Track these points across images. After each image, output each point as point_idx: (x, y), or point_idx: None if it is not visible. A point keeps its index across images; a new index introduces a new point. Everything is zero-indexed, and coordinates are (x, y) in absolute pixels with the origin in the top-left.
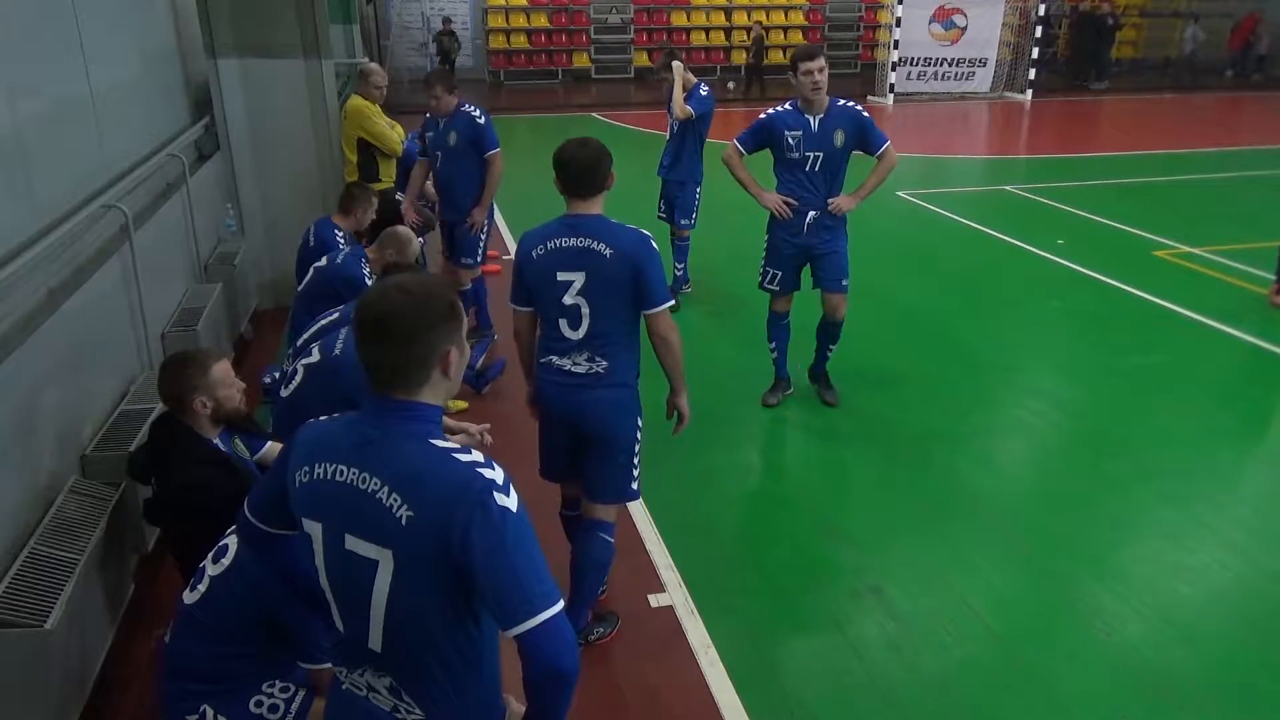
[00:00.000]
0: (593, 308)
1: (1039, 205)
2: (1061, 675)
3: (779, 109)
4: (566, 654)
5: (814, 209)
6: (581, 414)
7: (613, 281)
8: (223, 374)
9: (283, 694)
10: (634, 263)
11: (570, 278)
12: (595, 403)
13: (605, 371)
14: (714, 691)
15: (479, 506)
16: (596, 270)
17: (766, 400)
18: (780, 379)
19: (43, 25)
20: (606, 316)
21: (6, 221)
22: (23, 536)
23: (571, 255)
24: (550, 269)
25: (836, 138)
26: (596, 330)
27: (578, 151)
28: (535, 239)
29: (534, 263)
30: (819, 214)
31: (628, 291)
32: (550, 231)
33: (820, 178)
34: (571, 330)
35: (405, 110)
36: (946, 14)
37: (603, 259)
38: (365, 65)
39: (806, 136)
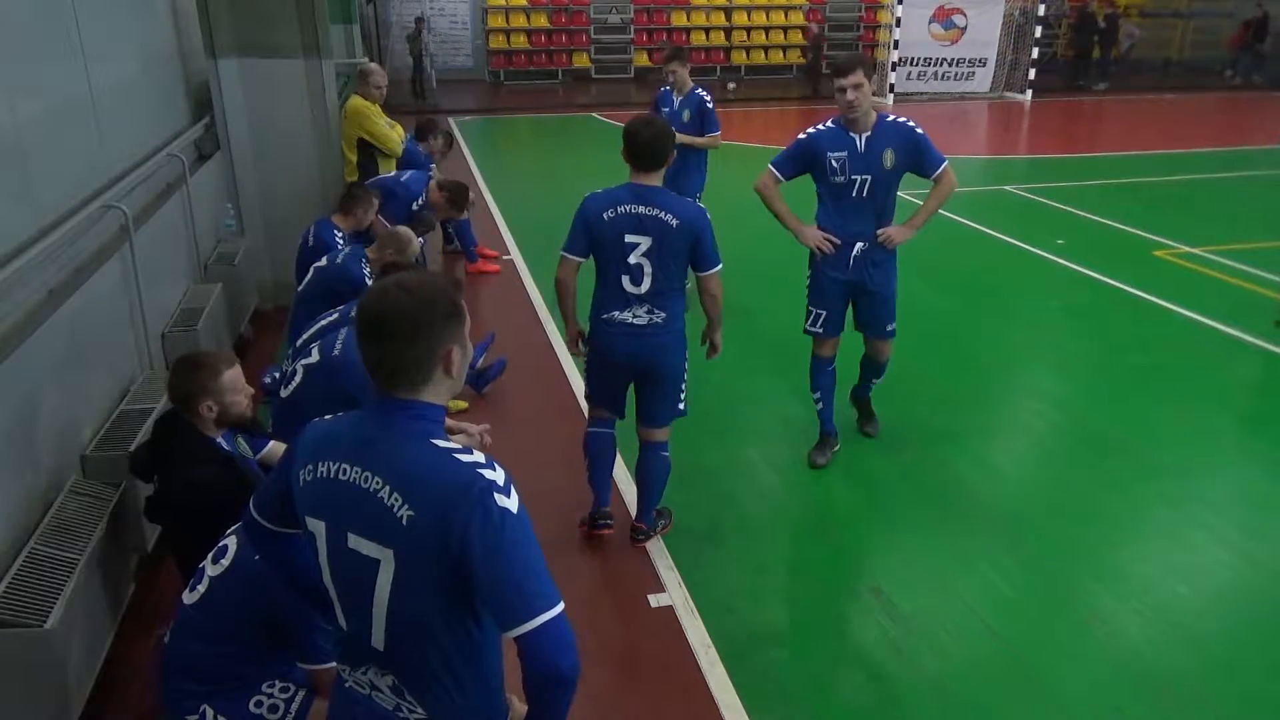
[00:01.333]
0: (655, 267)
1: (1039, 205)
2: (1061, 675)
3: (820, 127)
4: (566, 656)
5: (861, 240)
6: (646, 358)
7: (675, 247)
8: (232, 380)
9: (283, 694)
10: (695, 231)
11: (638, 240)
12: (658, 349)
13: (663, 321)
14: (714, 691)
15: (479, 507)
16: (662, 236)
17: (815, 460)
18: (827, 434)
19: (43, 25)
20: (666, 276)
21: (6, 221)
22: (23, 536)
23: (641, 221)
24: (619, 231)
25: (886, 158)
26: (657, 288)
27: (643, 128)
28: (605, 201)
29: (604, 224)
30: (867, 246)
31: (686, 256)
32: (619, 197)
33: (868, 204)
34: (634, 286)
35: (406, 110)
36: (946, 14)
37: (669, 227)
38: (365, 65)
39: (852, 158)
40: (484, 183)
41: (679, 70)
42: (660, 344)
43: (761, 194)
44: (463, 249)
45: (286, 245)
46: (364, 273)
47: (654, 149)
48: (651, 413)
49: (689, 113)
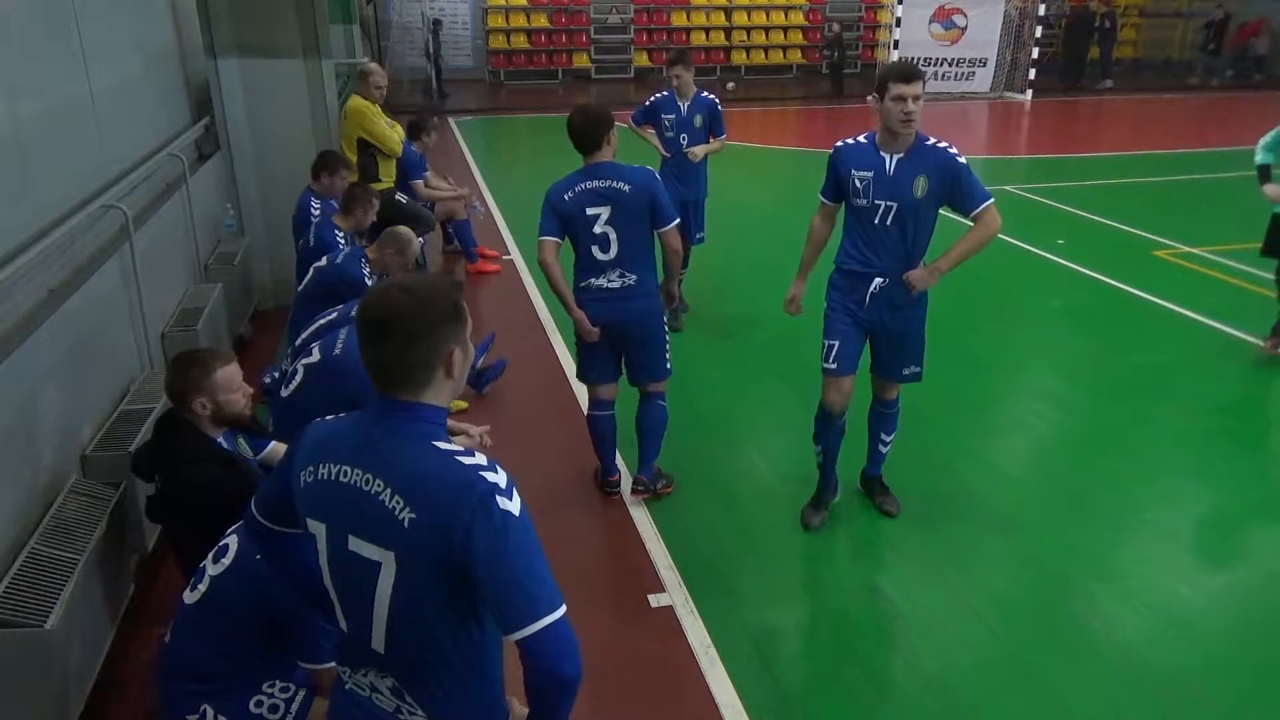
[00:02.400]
0: (619, 233)
1: (1039, 205)
2: (1061, 675)
3: (850, 141)
4: (569, 659)
5: (882, 277)
6: (624, 320)
7: (633, 210)
8: (227, 378)
9: (283, 694)
10: (649, 192)
11: (598, 211)
12: (635, 312)
13: (635, 283)
14: (714, 691)
15: (481, 510)
16: (618, 201)
17: (807, 520)
18: (825, 487)
19: (43, 25)
20: (629, 239)
21: (6, 221)
22: (23, 536)
23: (598, 194)
24: (580, 207)
25: (917, 186)
26: (623, 252)
27: (578, 117)
28: (563, 187)
29: (566, 203)
30: (886, 283)
31: (646, 217)
32: (574, 179)
33: (894, 236)
34: (602, 254)
35: (406, 110)
36: (946, 14)
37: (623, 192)
38: (365, 65)
39: (878, 180)
40: (484, 182)
41: (683, 74)
42: (638, 307)
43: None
44: (463, 249)
45: (286, 245)
46: (364, 272)
47: (593, 132)
48: (641, 371)
49: (700, 118)
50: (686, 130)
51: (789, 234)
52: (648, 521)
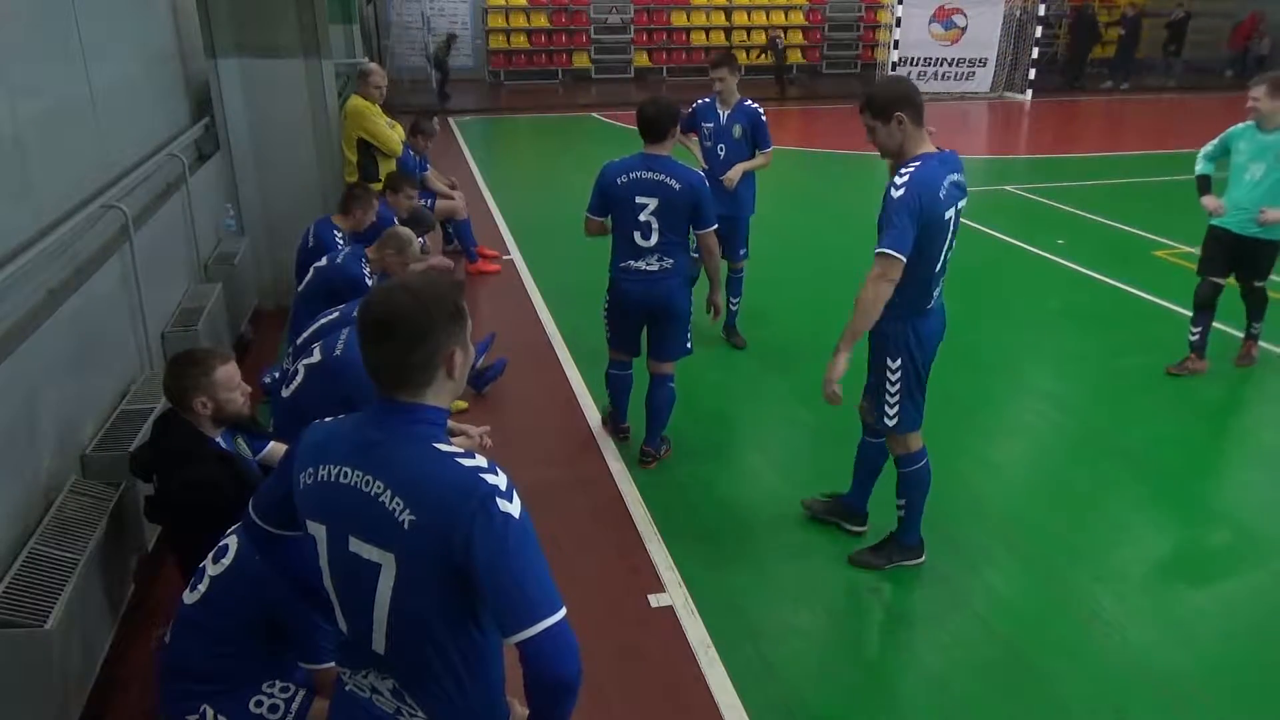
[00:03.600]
0: (660, 224)
1: (1039, 205)
2: (1061, 675)
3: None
4: (568, 661)
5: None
6: (658, 299)
7: (678, 207)
8: (226, 377)
9: (283, 694)
10: (695, 196)
11: (646, 201)
12: (666, 291)
13: (671, 267)
14: (714, 691)
15: (481, 513)
16: (667, 198)
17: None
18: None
19: (43, 25)
20: (669, 230)
21: (6, 221)
22: (23, 536)
23: (649, 185)
24: (631, 194)
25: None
26: (663, 241)
27: (649, 106)
28: (620, 169)
29: (618, 187)
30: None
31: (687, 216)
32: (632, 164)
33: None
34: (644, 240)
35: (407, 110)
36: (946, 14)
37: (673, 190)
38: (365, 65)
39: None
40: (484, 183)
41: (727, 78)
42: (669, 286)
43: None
44: (463, 249)
45: (286, 245)
46: (364, 272)
47: (660, 123)
48: (662, 350)
49: (740, 128)
50: (724, 140)
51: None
52: (648, 521)
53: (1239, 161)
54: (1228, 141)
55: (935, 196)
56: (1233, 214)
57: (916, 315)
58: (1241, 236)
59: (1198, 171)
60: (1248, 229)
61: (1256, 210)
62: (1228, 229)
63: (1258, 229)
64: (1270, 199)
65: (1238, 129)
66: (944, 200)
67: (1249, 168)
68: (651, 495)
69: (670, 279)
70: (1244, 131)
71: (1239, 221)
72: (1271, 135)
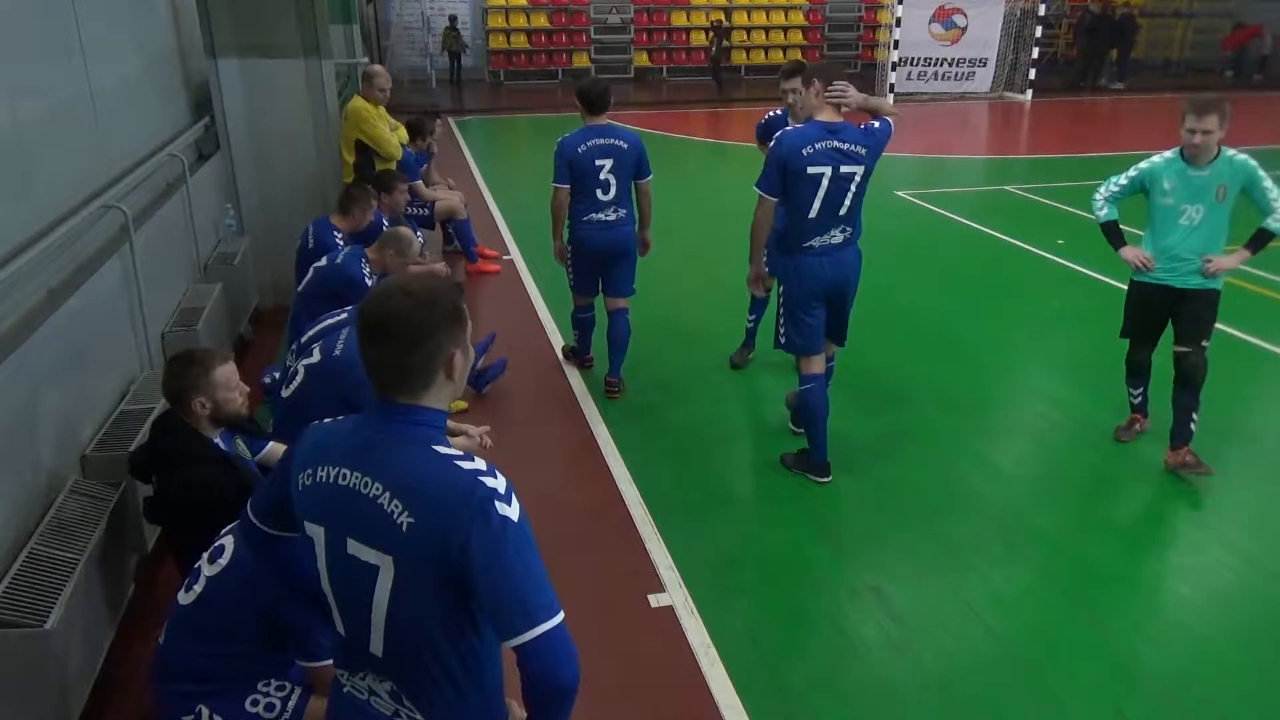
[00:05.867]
0: (616, 179)
1: (1039, 205)
2: (1061, 675)
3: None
4: (566, 665)
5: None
6: (618, 243)
7: (628, 163)
8: (225, 377)
9: (279, 693)
10: (639, 150)
11: (604, 162)
12: (626, 235)
13: (625, 216)
14: (714, 691)
15: (480, 516)
16: (620, 157)
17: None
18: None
19: (43, 25)
20: (622, 182)
21: (6, 221)
22: (23, 536)
23: (604, 149)
24: (591, 158)
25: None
26: (619, 192)
27: (595, 86)
28: (577, 140)
29: (580, 155)
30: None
31: (634, 167)
32: (587, 135)
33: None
34: (604, 195)
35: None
36: (947, 14)
37: (623, 150)
38: (369, 68)
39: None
40: (484, 183)
41: (801, 89)
42: (626, 232)
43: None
44: (463, 249)
45: (286, 245)
46: (364, 272)
47: (605, 98)
48: (619, 288)
49: None
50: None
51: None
52: (648, 521)
53: (1166, 204)
54: (1145, 181)
55: (798, 153)
56: (1167, 265)
57: (797, 253)
58: (1181, 290)
59: (1103, 217)
60: (1189, 281)
61: (1197, 259)
62: (1163, 283)
63: (1199, 280)
64: (1211, 244)
65: (1158, 164)
66: (808, 158)
67: (1182, 210)
68: (652, 496)
69: (625, 225)
70: (1167, 168)
71: (1178, 274)
72: (1206, 171)
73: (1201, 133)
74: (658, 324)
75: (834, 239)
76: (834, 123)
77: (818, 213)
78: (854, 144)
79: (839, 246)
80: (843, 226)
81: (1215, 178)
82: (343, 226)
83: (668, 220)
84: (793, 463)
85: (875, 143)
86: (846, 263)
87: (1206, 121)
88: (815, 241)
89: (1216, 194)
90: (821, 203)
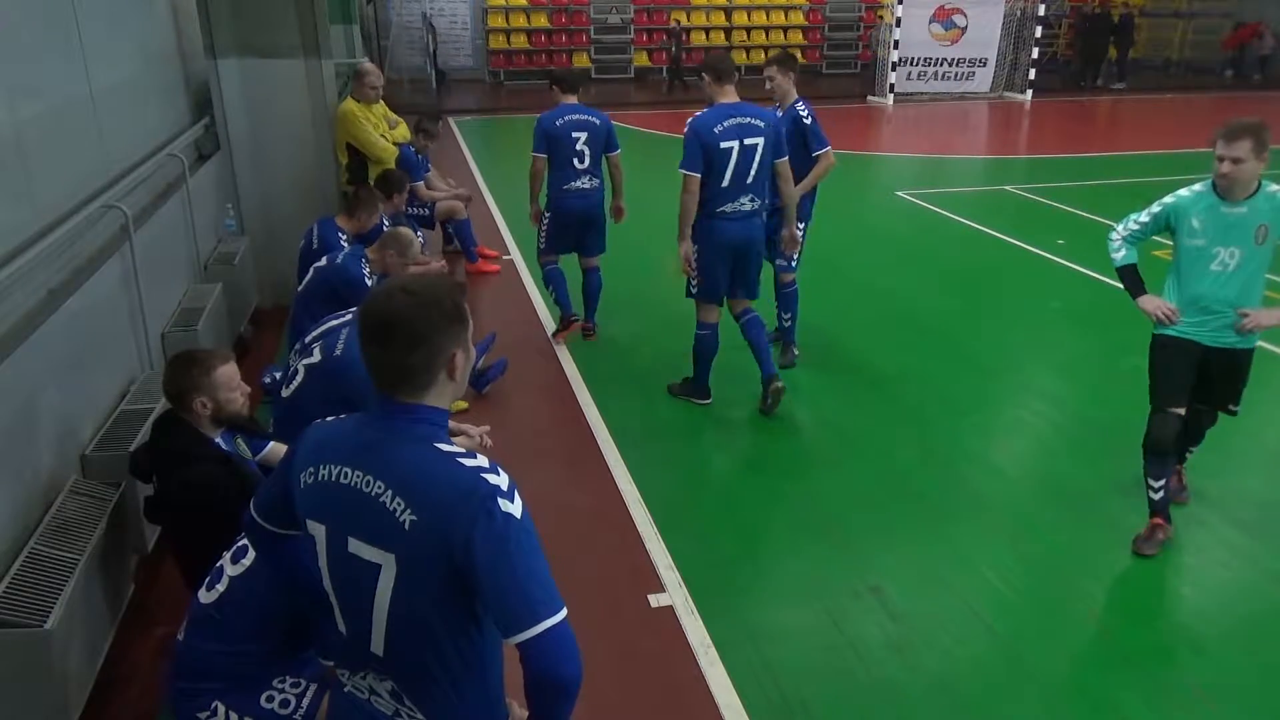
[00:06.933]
0: (590, 150)
1: (1039, 205)
2: (1061, 675)
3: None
4: (568, 662)
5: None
6: (592, 209)
7: (600, 135)
8: (226, 377)
9: (294, 689)
10: (608, 126)
11: (579, 135)
12: (597, 204)
13: (598, 185)
14: (714, 691)
15: (483, 513)
16: (593, 131)
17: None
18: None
19: (43, 25)
20: (595, 154)
21: (6, 221)
22: (23, 536)
23: (579, 124)
24: (568, 131)
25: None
26: (593, 163)
27: (567, 72)
28: (555, 116)
29: (557, 129)
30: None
31: (604, 141)
32: (563, 111)
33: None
34: (580, 164)
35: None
36: (946, 14)
37: (595, 125)
38: (360, 65)
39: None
40: (484, 183)
41: (775, 77)
42: (599, 199)
43: None
44: (463, 249)
45: (286, 245)
46: (364, 272)
47: (577, 80)
48: (593, 248)
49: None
50: None
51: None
52: (648, 521)
53: (1195, 246)
54: (1169, 218)
55: (710, 131)
56: (1195, 319)
57: (712, 217)
58: (1210, 349)
59: (1120, 261)
60: (1221, 338)
61: (1231, 312)
62: (1194, 340)
63: (1234, 338)
64: (1248, 295)
65: (1184, 199)
66: (719, 135)
67: (1214, 254)
68: (651, 495)
69: (599, 193)
70: (1196, 203)
71: (1207, 329)
72: (1242, 207)
73: (1230, 160)
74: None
75: (744, 206)
76: (734, 103)
77: (729, 181)
78: (753, 118)
79: (749, 214)
80: (751, 195)
81: (1254, 216)
82: (348, 228)
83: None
84: (679, 390)
85: (770, 120)
86: (754, 227)
87: (1236, 148)
88: (728, 207)
89: (1256, 235)
90: (732, 172)
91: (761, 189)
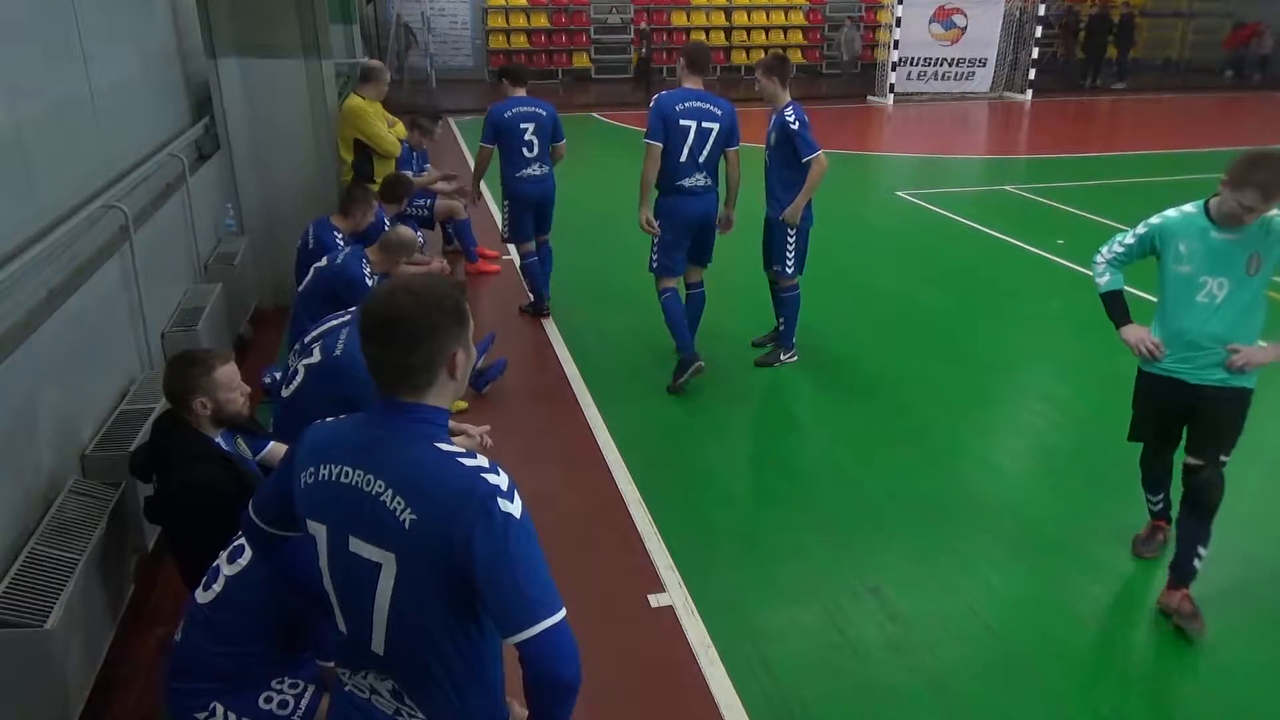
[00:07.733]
0: (538, 140)
1: (1039, 205)
2: (1061, 675)
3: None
4: (568, 663)
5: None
6: (545, 193)
7: (547, 127)
8: (226, 377)
9: (292, 690)
10: (554, 118)
11: (528, 125)
12: (551, 186)
13: (548, 171)
14: (714, 691)
15: (483, 512)
16: (539, 122)
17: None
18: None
19: (43, 25)
20: (542, 143)
21: (6, 221)
22: (23, 536)
23: (528, 115)
24: (517, 122)
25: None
26: (540, 152)
27: (519, 66)
28: (504, 108)
29: (506, 120)
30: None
31: (551, 131)
32: (512, 103)
33: None
34: (529, 153)
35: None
36: (946, 14)
37: (542, 116)
38: (368, 64)
39: None
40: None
41: (762, 80)
42: (550, 184)
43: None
44: (462, 249)
45: (286, 245)
46: (364, 272)
47: (526, 74)
48: (545, 227)
49: (774, 136)
50: (767, 147)
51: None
52: (648, 521)
53: (1181, 273)
54: (1155, 240)
55: (671, 109)
56: (1179, 355)
57: (670, 193)
58: (1198, 388)
59: (1103, 286)
60: (1208, 376)
61: (1220, 349)
62: (1176, 377)
63: (1222, 375)
64: (1238, 330)
65: (1172, 220)
66: (680, 113)
67: (1200, 283)
68: (651, 495)
69: (549, 179)
70: (1185, 226)
71: (1193, 366)
72: (1236, 235)
73: (1257, 213)
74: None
75: (700, 182)
76: (696, 89)
77: (686, 157)
78: (712, 105)
79: (704, 190)
80: (704, 173)
81: (1247, 243)
82: (343, 227)
83: None
84: (677, 381)
85: (727, 110)
86: (709, 203)
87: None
88: (685, 182)
89: (1248, 265)
90: (688, 150)
91: (714, 169)
